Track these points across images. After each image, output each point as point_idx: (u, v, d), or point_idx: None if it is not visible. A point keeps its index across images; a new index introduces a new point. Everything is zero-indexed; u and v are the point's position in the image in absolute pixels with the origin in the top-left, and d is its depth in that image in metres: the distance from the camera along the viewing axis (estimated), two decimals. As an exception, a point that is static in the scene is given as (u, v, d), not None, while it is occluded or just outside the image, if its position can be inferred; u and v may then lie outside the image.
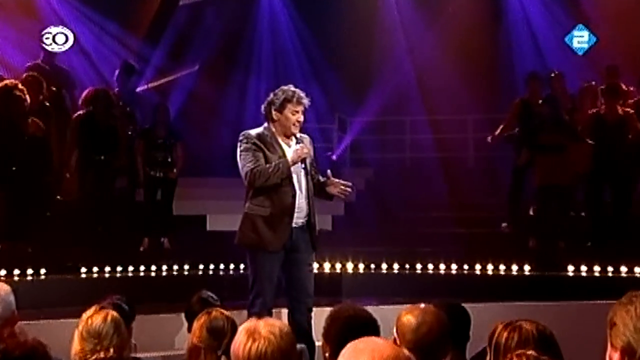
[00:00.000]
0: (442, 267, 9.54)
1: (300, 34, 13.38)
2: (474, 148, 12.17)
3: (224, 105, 12.54)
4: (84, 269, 9.00)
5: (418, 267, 9.56)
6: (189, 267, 9.54)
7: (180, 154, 9.84)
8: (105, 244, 9.30)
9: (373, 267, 9.67)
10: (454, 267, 9.52)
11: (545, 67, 11.38)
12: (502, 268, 9.41)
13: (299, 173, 5.92)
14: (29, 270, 8.51)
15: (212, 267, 9.58)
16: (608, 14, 12.01)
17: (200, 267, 9.60)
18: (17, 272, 8.38)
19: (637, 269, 8.93)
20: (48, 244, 9.01)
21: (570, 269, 9.16)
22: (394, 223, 11.08)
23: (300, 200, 5.89)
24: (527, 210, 10.31)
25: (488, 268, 9.44)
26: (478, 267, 9.47)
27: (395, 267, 9.63)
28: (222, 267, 9.57)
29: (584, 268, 9.14)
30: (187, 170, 10.19)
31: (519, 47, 12.62)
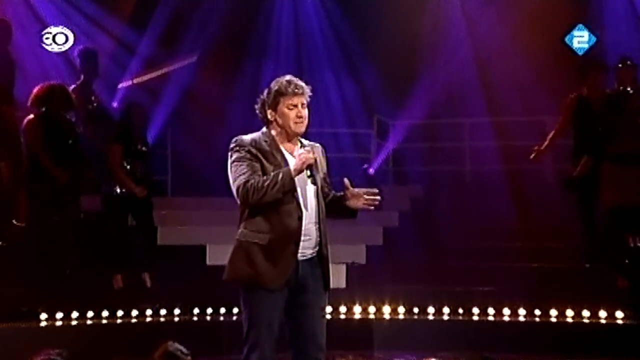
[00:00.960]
0: (506, 311, 9.37)
1: (330, 16, 13.22)
2: (553, 158, 11.42)
3: (230, 107, 12.22)
4: (44, 315, 8.91)
5: (475, 311, 9.42)
6: (180, 311, 9.43)
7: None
8: (71, 283, 9.15)
9: (416, 310, 9.57)
10: (522, 312, 9.34)
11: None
12: (585, 314, 9.17)
13: (306, 189, 5.54)
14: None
15: (209, 311, 9.46)
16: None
17: (195, 311, 9.46)
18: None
19: None
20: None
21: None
22: (445, 255, 10.79)
23: (308, 224, 5.53)
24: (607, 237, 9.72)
25: (567, 314, 9.23)
26: (554, 312, 9.28)
27: (446, 311, 9.50)
28: (222, 311, 9.44)
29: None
30: (180, 189, 10.02)
31: (614, 28, 12.32)
